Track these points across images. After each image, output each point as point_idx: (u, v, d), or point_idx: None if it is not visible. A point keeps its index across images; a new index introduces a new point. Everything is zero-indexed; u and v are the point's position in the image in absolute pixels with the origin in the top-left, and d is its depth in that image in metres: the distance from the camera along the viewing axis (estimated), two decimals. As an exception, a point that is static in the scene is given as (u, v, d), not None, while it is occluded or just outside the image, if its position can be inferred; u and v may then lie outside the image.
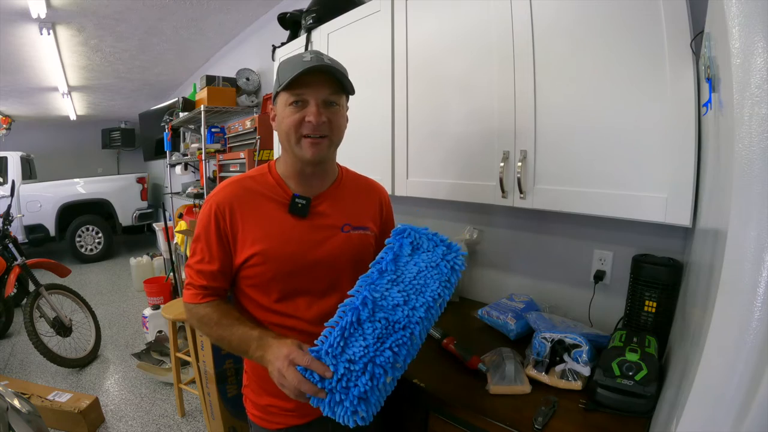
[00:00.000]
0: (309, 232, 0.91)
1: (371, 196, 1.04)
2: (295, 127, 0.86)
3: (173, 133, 4.25)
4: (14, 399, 1.43)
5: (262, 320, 0.91)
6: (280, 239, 0.88)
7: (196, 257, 0.91)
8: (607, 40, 0.97)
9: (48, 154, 7.30)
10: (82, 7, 2.82)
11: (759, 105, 0.44)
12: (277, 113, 0.91)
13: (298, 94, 0.85)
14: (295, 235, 0.89)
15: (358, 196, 1.01)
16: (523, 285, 1.52)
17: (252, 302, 0.93)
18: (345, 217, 0.95)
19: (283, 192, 0.92)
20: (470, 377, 1.06)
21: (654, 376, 0.86)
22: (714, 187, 0.68)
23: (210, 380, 1.86)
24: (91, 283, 5.01)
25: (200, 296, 0.90)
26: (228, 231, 0.88)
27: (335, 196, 0.96)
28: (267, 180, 0.93)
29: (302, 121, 0.85)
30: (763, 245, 0.43)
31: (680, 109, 0.86)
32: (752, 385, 0.43)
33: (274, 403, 0.93)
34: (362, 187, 1.04)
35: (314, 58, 0.84)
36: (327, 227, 0.93)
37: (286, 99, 0.86)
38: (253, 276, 0.90)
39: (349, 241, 0.94)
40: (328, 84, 0.86)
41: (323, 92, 0.86)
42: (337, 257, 0.92)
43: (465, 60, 1.27)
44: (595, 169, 1.01)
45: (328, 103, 0.87)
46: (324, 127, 0.86)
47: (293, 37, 2.16)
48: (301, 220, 0.90)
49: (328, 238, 0.92)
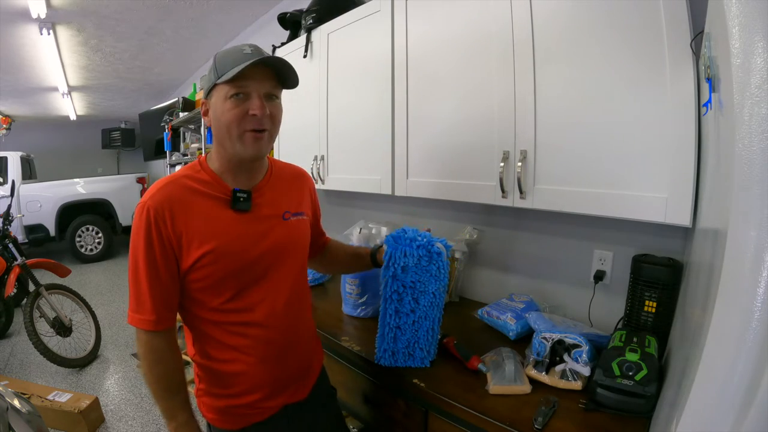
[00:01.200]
0: (253, 224, 0.90)
1: (301, 183, 1.07)
2: (237, 121, 0.83)
3: (173, 133, 4.25)
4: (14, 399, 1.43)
5: (214, 321, 0.89)
6: (228, 236, 0.86)
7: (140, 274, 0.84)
8: (607, 40, 0.97)
9: (48, 154, 7.31)
10: (82, 7, 2.82)
11: (759, 105, 0.44)
12: (214, 107, 0.86)
13: (240, 86, 0.82)
14: (242, 230, 0.88)
15: (291, 184, 1.02)
16: (523, 285, 1.51)
17: (201, 306, 0.89)
18: (283, 205, 0.97)
19: (221, 187, 0.89)
20: (470, 377, 1.06)
21: (654, 376, 0.86)
22: (714, 187, 0.68)
23: (210, 380, 1.86)
24: (91, 283, 5.01)
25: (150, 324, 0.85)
26: (171, 235, 0.83)
27: (271, 187, 0.96)
28: (202, 177, 0.89)
29: (245, 114, 0.83)
30: (763, 245, 0.43)
31: (680, 109, 0.86)
32: (752, 385, 0.43)
33: (233, 402, 0.91)
34: (293, 175, 1.06)
35: (255, 51, 0.83)
36: (269, 217, 0.93)
37: (226, 92, 0.82)
38: (203, 278, 0.86)
39: (291, 227, 0.96)
40: (270, 77, 0.85)
41: (266, 85, 0.84)
42: (283, 245, 0.93)
43: (465, 60, 1.27)
44: (595, 169, 1.01)
45: (270, 97, 0.86)
46: (266, 120, 0.85)
47: (293, 37, 2.16)
48: (244, 214, 0.89)
49: (272, 228, 0.92)
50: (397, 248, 1.03)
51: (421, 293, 1.05)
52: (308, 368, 1.02)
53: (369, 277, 1.40)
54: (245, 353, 0.89)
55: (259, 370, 0.91)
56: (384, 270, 1.04)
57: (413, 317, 1.06)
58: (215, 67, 0.84)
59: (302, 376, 1.00)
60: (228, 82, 0.81)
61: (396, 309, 1.06)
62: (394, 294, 1.05)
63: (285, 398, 0.95)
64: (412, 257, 1.02)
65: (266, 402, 0.92)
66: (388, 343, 1.09)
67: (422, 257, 1.03)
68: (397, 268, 1.02)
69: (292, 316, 0.95)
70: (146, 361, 0.88)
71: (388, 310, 1.07)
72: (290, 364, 0.95)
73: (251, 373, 0.90)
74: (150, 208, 0.82)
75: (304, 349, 1.00)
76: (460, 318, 1.47)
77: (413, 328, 1.07)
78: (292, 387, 0.97)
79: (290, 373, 0.96)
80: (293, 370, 0.97)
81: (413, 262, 1.02)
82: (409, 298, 1.05)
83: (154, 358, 0.87)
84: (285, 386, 0.95)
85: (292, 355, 0.96)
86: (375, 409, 1.21)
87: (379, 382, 1.18)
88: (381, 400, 1.19)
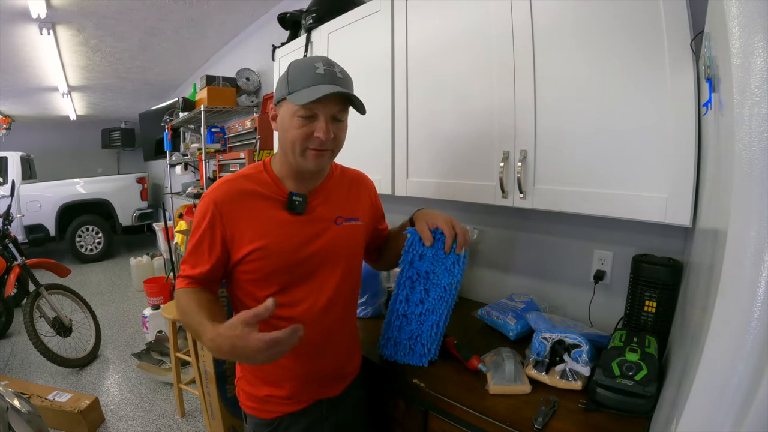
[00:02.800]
0: (305, 227, 0.94)
1: (360, 188, 1.10)
2: (301, 140, 0.87)
3: (173, 133, 4.25)
4: (14, 399, 1.43)
5: None
6: (279, 236, 0.91)
7: (190, 249, 0.93)
8: (607, 40, 0.97)
9: (48, 154, 7.30)
10: (82, 7, 2.82)
11: (759, 105, 0.44)
12: (282, 119, 0.90)
13: (309, 109, 0.85)
14: (293, 231, 0.93)
15: (349, 189, 1.06)
16: (523, 285, 1.51)
17: (249, 295, 0.94)
18: (338, 209, 1.00)
19: (279, 190, 0.94)
20: (470, 377, 1.06)
21: (654, 376, 0.86)
22: (714, 187, 0.68)
23: (210, 380, 1.86)
24: (91, 283, 5.01)
25: (185, 282, 0.92)
26: (225, 229, 0.90)
27: (328, 191, 1.00)
28: (263, 178, 0.95)
29: (310, 135, 0.87)
30: (763, 245, 0.43)
31: (680, 109, 0.86)
32: (752, 385, 0.43)
33: (272, 392, 0.97)
34: (352, 180, 1.09)
35: (328, 72, 0.85)
36: (321, 220, 0.97)
37: (294, 110, 0.86)
38: (252, 271, 0.92)
39: (342, 232, 0.99)
40: (337, 102, 0.87)
41: (333, 109, 0.87)
42: (332, 248, 0.97)
43: (465, 60, 1.27)
44: (595, 169, 1.01)
45: (336, 119, 0.89)
46: (330, 142, 0.89)
47: (293, 37, 2.16)
48: (298, 216, 0.94)
49: (324, 231, 0.96)
50: (418, 235, 1.04)
51: (433, 285, 1.06)
52: (343, 369, 1.05)
53: (369, 276, 1.40)
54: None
55: (294, 365, 0.96)
56: (404, 254, 1.06)
57: (421, 308, 1.08)
58: (287, 79, 0.87)
59: (336, 376, 1.04)
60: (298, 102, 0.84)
61: (407, 296, 1.09)
62: (408, 281, 1.07)
63: (318, 394, 1.00)
64: (432, 247, 1.04)
65: (298, 395, 0.98)
66: (393, 332, 1.12)
67: (440, 249, 1.04)
68: (415, 255, 1.05)
69: (332, 317, 0.98)
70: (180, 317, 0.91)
71: (399, 296, 1.10)
72: (325, 363, 1.00)
73: (285, 366, 0.95)
74: (210, 202, 0.90)
75: (340, 350, 1.03)
76: (460, 318, 1.47)
77: (419, 319, 1.08)
78: (326, 384, 1.02)
79: (324, 372, 1.00)
80: (327, 370, 1.01)
81: (432, 252, 1.04)
82: (421, 287, 1.07)
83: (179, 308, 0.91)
84: (318, 383, 1.00)
85: (328, 354, 1.00)
86: (375, 408, 1.21)
87: (379, 382, 1.18)
88: (381, 400, 1.19)
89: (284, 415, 0.97)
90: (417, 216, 1.07)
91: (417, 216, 1.07)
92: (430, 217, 1.04)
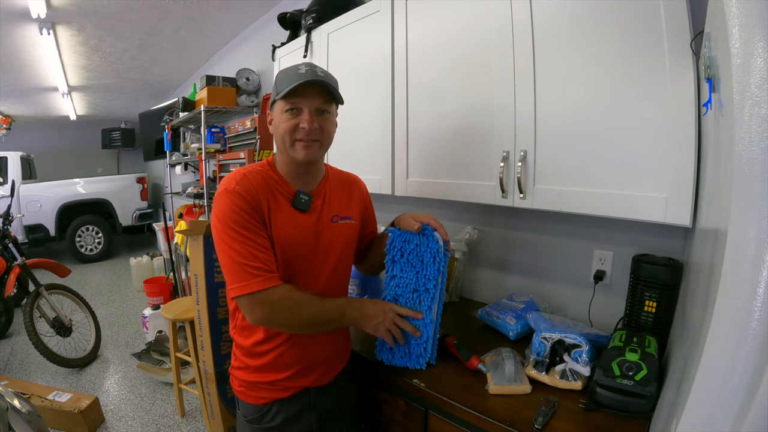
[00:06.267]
0: (307, 223, 1.02)
1: (354, 189, 1.17)
2: (290, 132, 0.96)
3: (173, 133, 4.24)
4: (14, 399, 1.43)
5: None
6: (288, 229, 0.98)
7: (239, 245, 0.90)
8: (607, 40, 0.97)
9: (48, 154, 7.30)
10: (82, 7, 2.82)
11: (759, 105, 0.44)
12: (274, 118, 1.00)
13: (293, 103, 0.95)
14: (299, 226, 1.00)
15: (343, 190, 1.13)
16: (523, 285, 1.52)
17: None
18: (334, 208, 1.08)
19: (286, 187, 1.01)
20: (470, 377, 1.06)
21: (654, 376, 0.86)
22: (714, 187, 0.68)
23: (210, 380, 1.86)
24: (91, 283, 5.01)
25: (269, 279, 0.92)
26: (263, 212, 0.95)
27: (326, 191, 1.08)
28: (272, 175, 1.01)
29: (296, 126, 0.96)
30: (763, 245, 0.43)
31: (680, 109, 0.86)
32: (752, 385, 0.43)
33: (262, 378, 1.02)
34: (346, 182, 1.16)
35: (309, 71, 0.94)
36: (321, 218, 1.04)
37: (282, 106, 0.96)
38: None
39: (338, 229, 1.07)
40: (320, 94, 0.96)
41: (315, 102, 0.96)
42: (328, 244, 1.04)
43: (465, 59, 1.27)
44: (595, 169, 1.01)
45: (320, 112, 0.97)
46: (316, 132, 0.97)
47: (293, 37, 2.16)
48: (303, 213, 1.01)
49: (323, 228, 1.04)
50: (398, 233, 1.10)
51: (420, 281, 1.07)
52: (333, 358, 1.10)
53: (369, 277, 1.40)
54: (276, 334, 1.00)
55: (287, 352, 1.01)
56: (387, 252, 1.11)
57: (413, 285, 1.07)
58: (276, 84, 0.98)
59: (327, 364, 1.08)
60: (284, 98, 0.95)
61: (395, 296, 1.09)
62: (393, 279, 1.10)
63: (307, 381, 1.04)
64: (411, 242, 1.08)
65: (289, 382, 1.02)
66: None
67: (420, 244, 1.07)
68: (396, 252, 1.09)
69: None
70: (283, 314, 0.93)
71: (386, 297, 1.11)
72: (316, 350, 1.04)
73: (279, 353, 1.00)
74: (240, 191, 0.93)
75: (331, 341, 1.08)
76: (460, 318, 1.47)
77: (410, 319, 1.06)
78: (316, 372, 1.05)
79: (315, 360, 1.05)
80: (318, 358, 1.05)
81: (411, 248, 1.08)
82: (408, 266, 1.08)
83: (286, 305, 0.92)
84: (309, 370, 1.04)
85: (318, 344, 1.04)
86: (375, 408, 1.21)
87: (379, 382, 1.18)
88: (381, 400, 1.19)
89: (273, 401, 1.02)
90: (400, 217, 1.13)
91: (400, 217, 1.13)
92: (413, 214, 1.11)
